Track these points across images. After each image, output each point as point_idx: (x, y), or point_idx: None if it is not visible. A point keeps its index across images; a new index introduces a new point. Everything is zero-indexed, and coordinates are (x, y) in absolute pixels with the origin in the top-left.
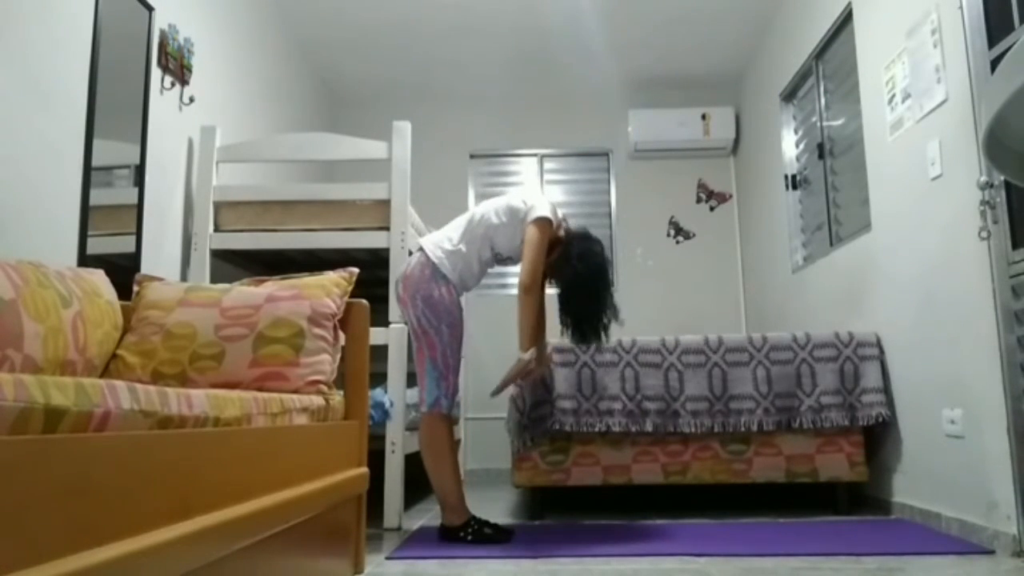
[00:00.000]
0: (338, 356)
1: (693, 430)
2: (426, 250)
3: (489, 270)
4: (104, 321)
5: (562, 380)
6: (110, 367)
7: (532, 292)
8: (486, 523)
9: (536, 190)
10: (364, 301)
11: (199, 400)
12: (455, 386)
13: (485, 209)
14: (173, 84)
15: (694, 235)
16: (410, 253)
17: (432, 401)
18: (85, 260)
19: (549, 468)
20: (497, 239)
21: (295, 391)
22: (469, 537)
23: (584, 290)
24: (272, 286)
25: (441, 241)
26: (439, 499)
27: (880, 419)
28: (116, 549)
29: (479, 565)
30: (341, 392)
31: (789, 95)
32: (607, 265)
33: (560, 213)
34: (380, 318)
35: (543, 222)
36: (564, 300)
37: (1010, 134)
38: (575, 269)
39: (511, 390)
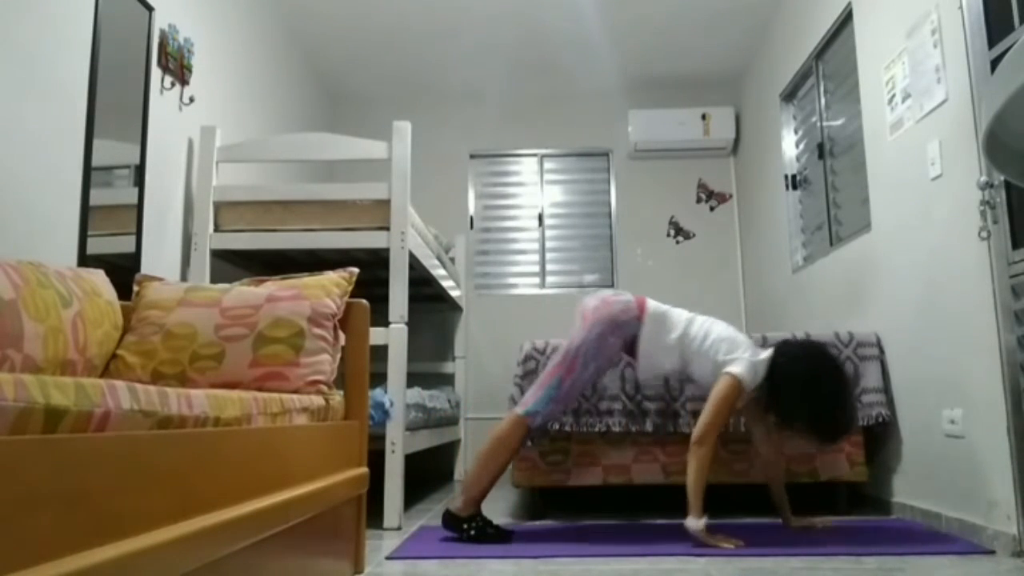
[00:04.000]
0: (338, 356)
1: (693, 430)
2: (647, 309)
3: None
4: (104, 321)
5: None
6: (110, 367)
7: (705, 444)
8: (490, 523)
9: (744, 340)
10: (364, 301)
11: (199, 400)
12: (558, 414)
13: (703, 329)
14: (173, 84)
15: (694, 235)
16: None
17: (532, 411)
18: (85, 260)
19: (549, 468)
20: (696, 363)
21: (295, 391)
22: (472, 532)
23: (805, 407)
24: (272, 286)
25: (668, 319)
26: (464, 485)
27: (880, 419)
28: (116, 549)
29: (479, 565)
30: (341, 392)
31: (789, 95)
32: (821, 367)
33: (761, 373)
34: (380, 318)
35: (736, 383)
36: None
37: (1010, 134)
38: (790, 401)
39: (511, 390)
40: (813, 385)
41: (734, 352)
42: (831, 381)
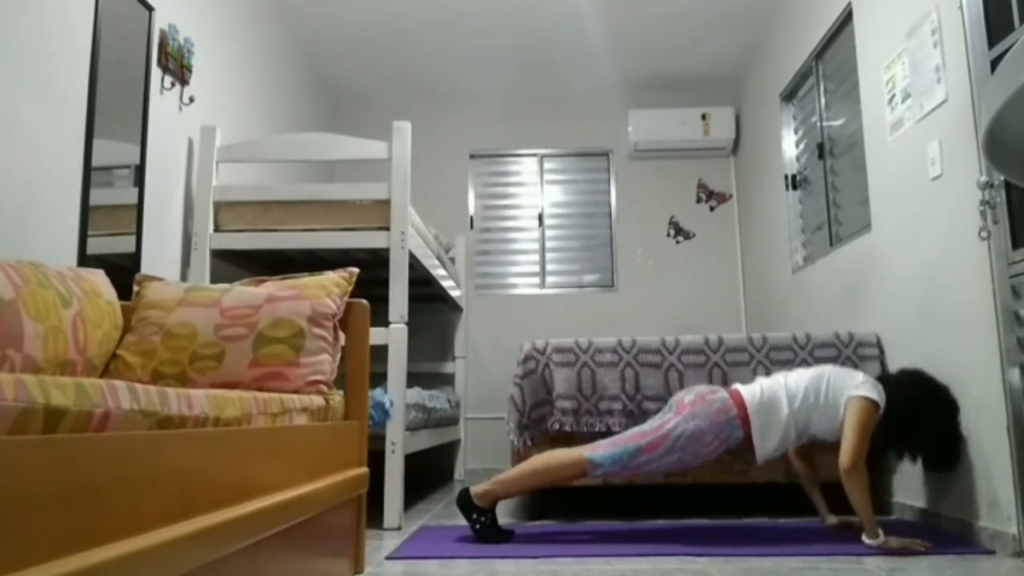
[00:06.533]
0: (338, 356)
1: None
2: (747, 405)
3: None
4: (104, 321)
5: (562, 380)
6: (110, 367)
7: (857, 471)
8: (496, 522)
9: (850, 369)
10: (364, 301)
11: (199, 400)
12: (619, 475)
13: (802, 384)
14: (173, 84)
15: (694, 235)
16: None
17: (598, 461)
18: (85, 260)
19: None
20: (816, 419)
21: (295, 391)
22: (478, 526)
23: (912, 430)
24: (272, 286)
25: (772, 401)
26: (498, 479)
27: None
28: (116, 549)
29: (479, 565)
30: (341, 392)
31: (789, 95)
32: (937, 395)
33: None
34: (380, 318)
35: (873, 405)
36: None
37: (1010, 134)
38: (901, 427)
39: (511, 390)
40: (930, 412)
41: (852, 381)
42: (947, 409)
